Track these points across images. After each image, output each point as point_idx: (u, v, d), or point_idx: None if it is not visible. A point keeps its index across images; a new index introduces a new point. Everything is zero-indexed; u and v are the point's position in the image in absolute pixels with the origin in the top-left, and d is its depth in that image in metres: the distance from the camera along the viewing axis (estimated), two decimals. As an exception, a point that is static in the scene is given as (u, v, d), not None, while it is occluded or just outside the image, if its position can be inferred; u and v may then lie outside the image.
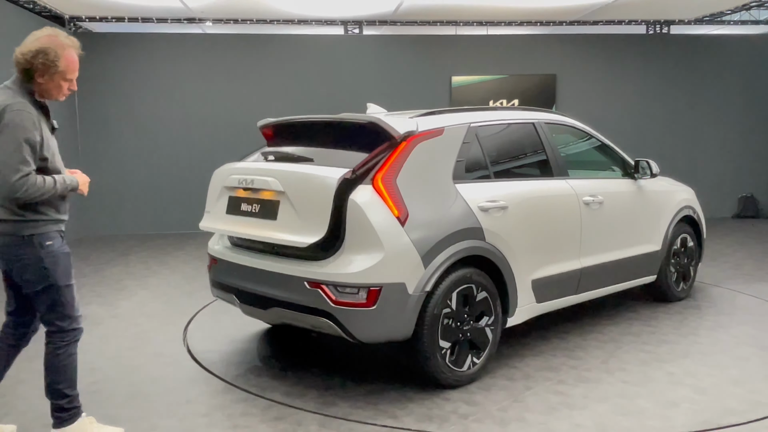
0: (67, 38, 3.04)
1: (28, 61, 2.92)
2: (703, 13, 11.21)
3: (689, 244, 5.91)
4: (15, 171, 2.82)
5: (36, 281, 3.00)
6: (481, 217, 3.99)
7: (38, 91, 3.00)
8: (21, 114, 2.87)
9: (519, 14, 10.85)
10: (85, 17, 10.12)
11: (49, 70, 2.94)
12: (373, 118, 3.90)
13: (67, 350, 3.13)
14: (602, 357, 4.42)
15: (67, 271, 3.07)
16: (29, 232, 2.96)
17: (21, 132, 2.86)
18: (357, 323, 3.61)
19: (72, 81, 3.07)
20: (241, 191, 4.15)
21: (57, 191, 2.98)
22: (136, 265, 7.86)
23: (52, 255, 3.01)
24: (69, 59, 3.00)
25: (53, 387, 3.14)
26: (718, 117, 11.47)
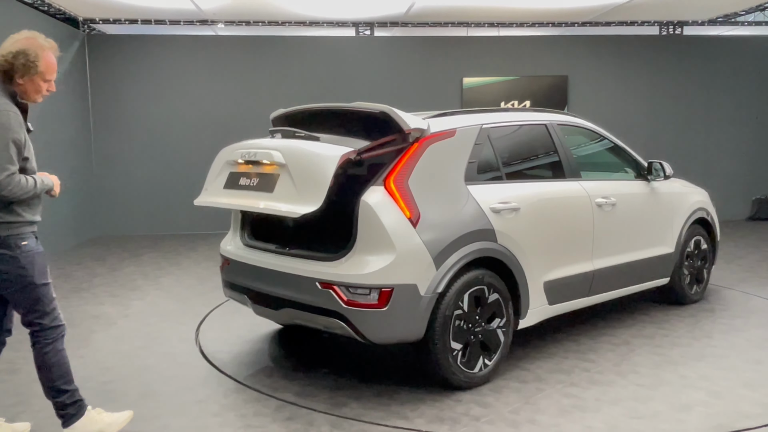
0: (46, 40, 3.10)
1: (8, 62, 2.99)
2: (717, 13, 11.13)
3: (703, 246, 5.87)
4: (2, 169, 2.88)
5: (14, 281, 3.04)
6: (493, 218, 3.99)
7: (18, 93, 3.06)
8: (7, 114, 2.93)
9: (530, 15, 10.82)
10: (99, 19, 10.20)
11: (29, 71, 3.00)
12: (384, 108, 3.84)
13: (53, 347, 3.15)
14: (615, 360, 4.40)
15: (44, 270, 3.12)
16: (5, 233, 2.99)
17: (7, 132, 2.91)
18: (368, 324, 3.62)
19: (50, 82, 3.11)
20: (242, 165, 4.08)
21: (37, 191, 3.05)
22: (149, 265, 7.90)
23: (28, 255, 3.04)
24: (48, 60, 3.06)
25: (50, 386, 3.17)
26: (732, 118, 11.38)
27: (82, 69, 10.06)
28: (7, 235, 3.00)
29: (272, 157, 3.85)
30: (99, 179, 10.25)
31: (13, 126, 2.94)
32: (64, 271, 7.60)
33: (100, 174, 10.26)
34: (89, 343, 4.91)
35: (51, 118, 8.72)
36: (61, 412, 3.21)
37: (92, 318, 5.59)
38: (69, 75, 9.48)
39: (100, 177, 10.25)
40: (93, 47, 10.22)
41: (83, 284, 6.91)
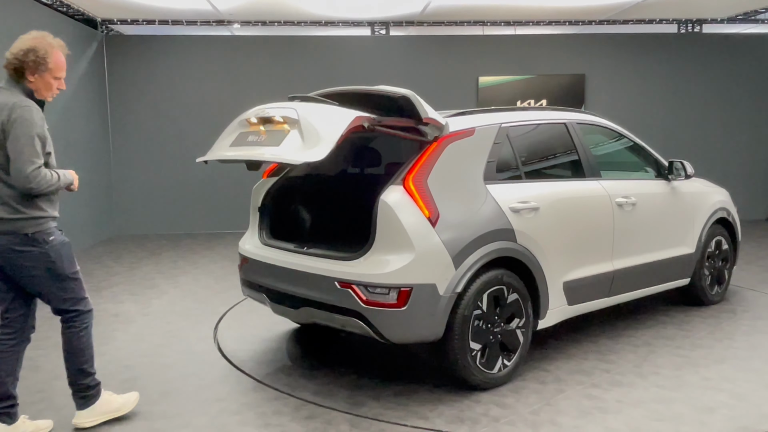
0: (54, 39, 3.20)
1: (19, 59, 3.08)
2: (737, 11, 10.99)
3: (724, 246, 5.80)
4: (30, 163, 2.99)
5: (45, 276, 3.15)
6: (513, 218, 3.96)
7: (33, 90, 3.15)
8: (30, 110, 3.05)
9: (547, 14, 10.75)
10: (117, 20, 10.28)
11: (39, 68, 3.10)
12: (407, 93, 3.76)
13: (87, 331, 3.33)
14: (635, 361, 4.36)
15: (72, 259, 3.26)
16: (32, 230, 3.10)
17: (32, 127, 3.02)
18: (387, 324, 3.61)
19: (60, 80, 3.21)
20: (253, 125, 3.93)
21: (60, 185, 3.17)
22: (167, 264, 7.95)
23: (56, 248, 3.17)
24: (57, 58, 3.17)
25: (78, 368, 3.33)
26: (752, 117, 11.24)
27: (100, 69, 10.14)
28: (34, 232, 3.09)
29: (285, 113, 3.72)
30: (117, 179, 10.33)
31: (37, 121, 3.05)
32: (83, 269, 7.51)
33: (118, 174, 10.34)
34: (110, 341, 4.95)
35: (70, 117, 8.81)
36: (83, 394, 3.37)
37: (112, 316, 5.64)
38: (87, 75, 9.57)
39: (118, 176, 10.33)
40: (111, 48, 10.30)
41: (102, 283, 6.97)
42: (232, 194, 10.13)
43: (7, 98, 3.08)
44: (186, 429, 3.46)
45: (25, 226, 3.08)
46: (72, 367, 3.34)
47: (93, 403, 3.41)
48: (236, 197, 10.23)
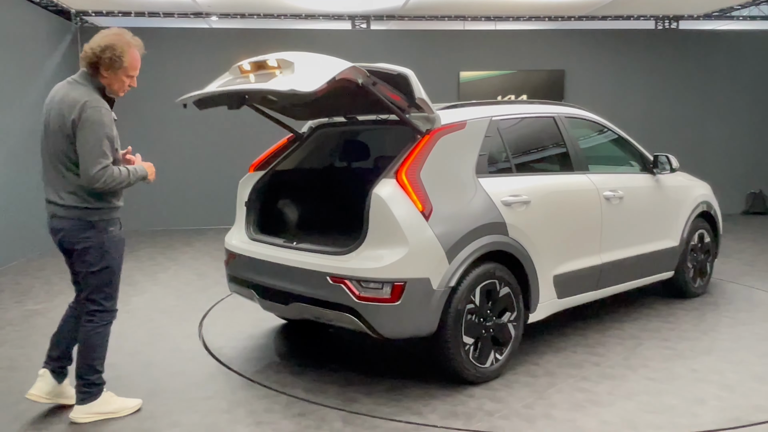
0: (133, 38, 3.29)
1: (96, 55, 3.16)
2: (713, 8, 11.14)
3: (706, 239, 5.87)
4: (96, 164, 3.10)
5: (94, 262, 3.27)
6: (504, 211, 3.95)
7: (105, 86, 3.24)
8: (100, 111, 3.13)
9: (527, 9, 10.78)
10: (92, 11, 10.06)
11: (113, 65, 3.18)
12: (404, 71, 3.68)
13: (105, 329, 3.39)
14: (624, 353, 4.38)
15: (121, 256, 3.39)
16: (96, 218, 3.24)
17: (101, 127, 3.12)
18: (381, 319, 3.57)
19: (133, 78, 3.32)
20: (245, 71, 3.78)
21: (131, 181, 3.26)
22: (145, 261, 7.81)
23: (113, 240, 3.30)
24: (133, 56, 3.25)
25: (89, 364, 3.35)
26: (727, 113, 11.42)
27: (74, 63, 9.89)
28: (97, 220, 3.24)
29: (281, 56, 3.59)
30: (93, 174, 10.11)
31: (106, 122, 3.15)
32: (60, 266, 7.42)
33: (94, 168, 10.11)
34: (91, 340, 4.83)
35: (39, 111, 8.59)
36: (86, 390, 3.38)
37: (92, 314, 5.51)
38: (60, 69, 9.33)
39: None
40: (86, 41, 9.91)
41: (80, 280, 6.81)
42: (210, 190, 9.99)
43: (80, 95, 3.15)
44: (176, 428, 3.38)
45: (90, 214, 3.22)
46: (83, 361, 3.36)
47: (92, 401, 3.40)
48: (214, 192, 10.11)
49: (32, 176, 8.13)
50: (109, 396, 3.47)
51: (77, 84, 3.22)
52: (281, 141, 4.77)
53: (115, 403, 3.48)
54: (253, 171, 4.63)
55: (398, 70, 3.67)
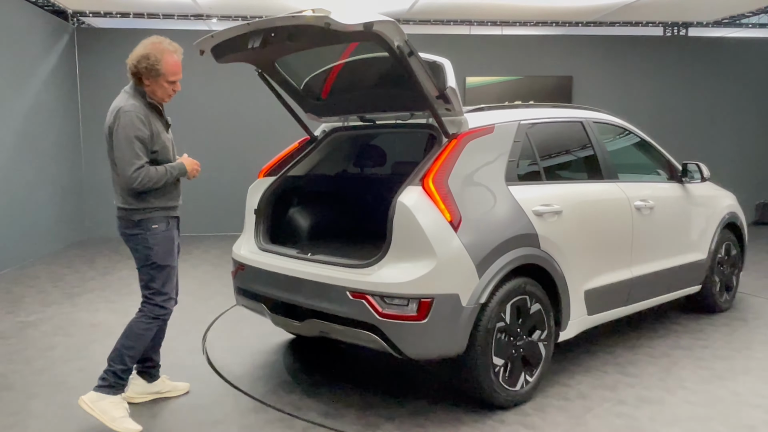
0: (170, 45, 3.40)
1: (134, 66, 3.34)
2: (723, 15, 10.97)
3: (732, 252, 5.62)
4: (130, 164, 3.24)
5: (142, 258, 3.43)
6: (536, 222, 3.68)
7: (148, 93, 3.39)
8: (130, 114, 3.26)
9: (534, 14, 10.57)
10: (89, 12, 9.77)
11: (151, 73, 3.32)
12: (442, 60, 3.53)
13: (150, 324, 3.46)
14: (658, 374, 4.11)
15: (168, 253, 3.47)
16: (138, 217, 3.39)
17: (131, 130, 3.25)
18: (406, 338, 3.28)
19: (175, 83, 3.42)
20: None
21: (168, 178, 3.36)
22: (144, 269, 7.49)
23: (156, 237, 3.41)
24: (169, 63, 3.35)
25: (118, 349, 3.38)
26: (736, 121, 11.23)
27: (71, 64, 9.64)
28: (140, 219, 3.38)
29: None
30: (88, 178, 9.83)
31: (136, 124, 3.26)
32: (54, 274, 7.19)
33: (90, 173, 9.83)
34: (89, 355, 4.53)
35: (38, 114, 8.30)
36: (104, 376, 3.36)
37: (89, 327, 5.21)
38: (57, 70, 9.06)
39: (89, 176, 9.83)
40: (82, 41, 9.80)
41: (75, 289, 6.51)
42: (210, 195, 9.71)
43: (119, 102, 3.34)
44: (182, 457, 3.09)
45: (134, 214, 3.38)
46: (116, 345, 3.41)
47: (104, 392, 3.32)
48: (214, 199, 9.82)
49: (26, 180, 7.84)
50: (116, 403, 3.34)
51: (124, 93, 3.41)
52: (292, 145, 4.50)
53: (116, 413, 3.30)
54: (263, 176, 4.35)
55: (434, 58, 3.41)
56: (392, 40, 3.14)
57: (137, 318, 3.48)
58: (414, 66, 3.27)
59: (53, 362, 4.40)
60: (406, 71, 3.30)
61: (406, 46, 3.20)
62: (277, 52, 3.84)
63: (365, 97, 4.06)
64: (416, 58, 3.26)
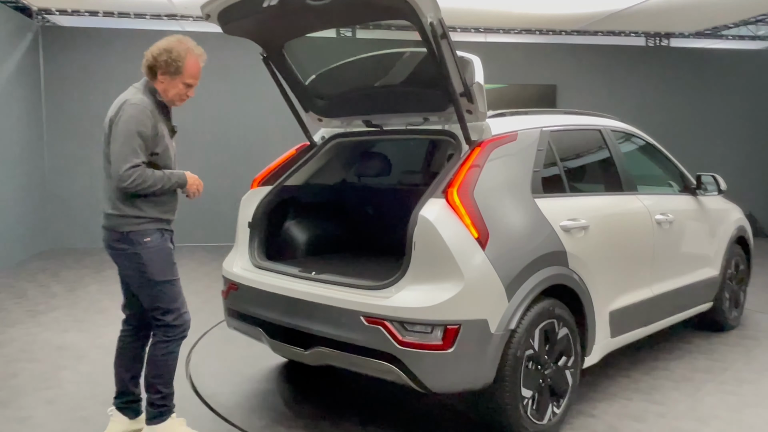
0: (196, 47, 3.10)
1: (154, 57, 3.02)
2: (704, 26, 10.96)
3: (740, 267, 5.41)
4: (125, 161, 2.87)
5: (134, 277, 3.06)
6: (564, 238, 3.36)
7: (160, 91, 3.07)
8: (136, 107, 2.94)
9: (518, 22, 10.38)
10: (56, 10, 9.21)
11: (169, 69, 3.01)
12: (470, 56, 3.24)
13: (168, 346, 3.11)
14: (685, 401, 3.83)
15: (166, 267, 3.07)
16: (128, 229, 2.99)
17: (134, 124, 2.90)
18: (429, 369, 2.92)
19: (191, 88, 3.11)
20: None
21: (164, 185, 2.99)
22: (113, 284, 6.91)
23: (149, 251, 3.01)
24: (191, 64, 3.05)
25: (149, 380, 3.12)
26: (717, 132, 11.21)
27: (35, 64, 9.06)
28: (128, 231, 2.99)
29: None
30: (52, 185, 9.24)
31: (140, 118, 2.93)
32: (15, 289, 6.64)
33: (54, 180, 9.25)
34: (58, 383, 4.06)
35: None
36: (148, 409, 3.15)
37: (57, 350, 4.72)
38: (20, 71, 8.49)
39: (53, 183, 9.25)
40: (48, 40, 9.24)
41: (39, 306, 5.98)
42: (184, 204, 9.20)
43: (127, 95, 3.03)
44: None
45: (122, 224, 3.00)
46: (146, 377, 3.15)
47: (153, 424, 3.13)
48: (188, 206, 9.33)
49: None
50: (177, 424, 3.20)
51: (133, 88, 3.09)
52: (289, 152, 4.12)
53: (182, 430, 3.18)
54: (257, 186, 3.96)
55: (462, 54, 3.10)
56: (425, 15, 2.80)
57: (154, 345, 3.13)
58: (444, 51, 2.92)
59: (16, 393, 3.93)
60: (434, 56, 2.95)
61: (440, 26, 2.86)
62: (289, 28, 3.48)
63: (374, 97, 3.72)
64: (447, 42, 2.92)
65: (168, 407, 3.16)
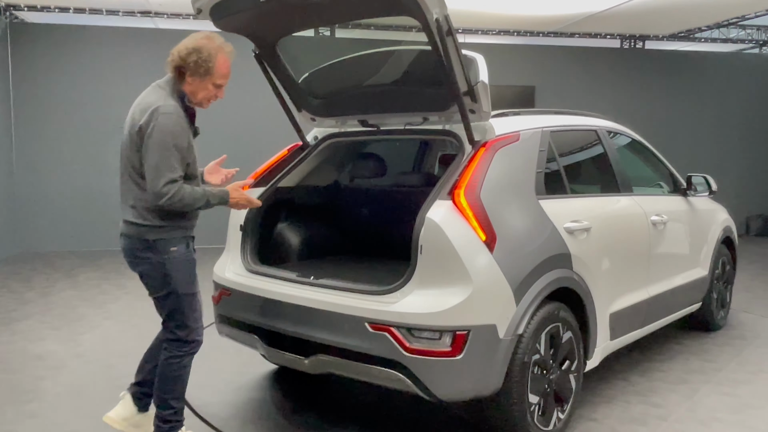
0: (225, 44, 2.95)
1: (182, 58, 2.86)
2: (678, 29, 11.11)
3: (727, 267, 5.44)
4: (162, 176, 2.74)
5: (158, 286, 2.93)
6: (568, 240, 3.31)
7: (188, 93, 2.93)
8: (170, 118, 2.79)
9: (496, 23, 10.38)
10: (24, 6, 8.89)
11: (199, 71, 2.87)
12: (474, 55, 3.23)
13: (181, 361, 2.99)
14: (684, 403, 3.81)
15: (190, 279, 2.96)
16: (153, 237, 2.86)
17: (170, 137, 2.77)
18: (437, 377, 2.83)
19: (221, 88, 2.97)
20: None
21: (202, 207, 2.88)
22: (89, 289, 6.76)
23: (175, 261, 2.89)
24: (221, 63, 2.91)
25: (161, 396, 3.01)
26: (690, 133, 11.36)
27: (2, 62, 8.75)
28: (155, 239, 2.87)
29: None
30: (21, 187, 8.93)
31: (176, 130, 2.80)
32: None
33: (22, 181, 8.95)
34: (39, 396, 3.87)
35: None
36: (158, 424, 3.03)
37: (35, 359, 4.51)
38: (-12, 66, 8.19)
39: (22, 184, 8.94)
40: (16, 37, 8.93)
41: (13, 313, 5.74)
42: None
43: (155, 99, 2.83)
44: None
45: (147, 232, 2.87)
46: (157, 392, 3.03)
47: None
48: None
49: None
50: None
51: (158, 88, 2.91)
52: (281, 152, 4.00)
53: None
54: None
55: (465, 52, 3.01)
56: (431, 11, 2.72)
57: (165, 360, 2.99)
58: (450, 48, 2.84)
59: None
60: (439, 54, 2.86)
61: (445, 23, 2.77)
62: (285, 24, 3.39)
63: (371, 96, 3.62)
64: (453, 39, 2.84)
65: (180, 422, 3.06)
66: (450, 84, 2.98)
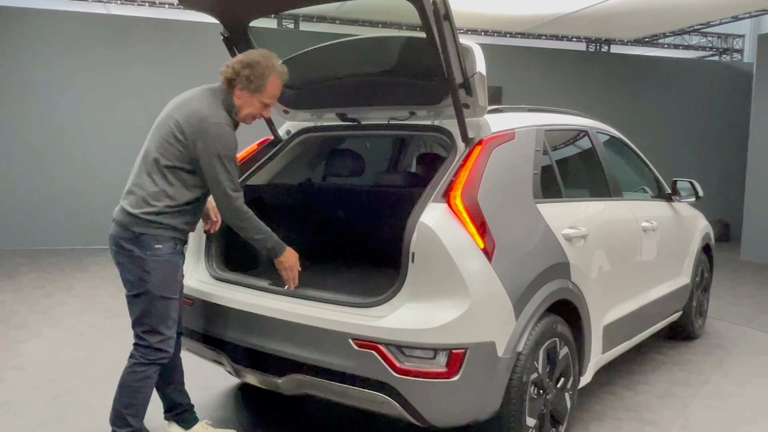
0: (280, 65, 2.90)
1: (235, 70, 2.82)
2: (643, 34, 11.16)
3: (705, 275, 5.33)
4: (238, 190, 2.77)
5: (133, 282, 2.79)
6: (567, 248, 3.06)
7: (236, 106, 2.86)
8: (228, 130, 2.77)
9: (464, 22, 10.18)
10: (-36, -16, 8.27)
11: (251, 86, 2.82)
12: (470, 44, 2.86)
13: (146, 371, 2.80)
14: (676, 419, 3.63)
15: (168, 283, 2.80)
16: (140, 230, 2.76)
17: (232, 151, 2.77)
18: (430, 400, 2.54)
19: (267, 108, 2.92)
20: None
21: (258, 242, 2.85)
22: (32, 291, 6.24)
23: (157, 260, 2.76)
24: (273, 83, 2.86)
25: (118, 410, 2.80)
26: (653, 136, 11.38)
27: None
28: (141, 233, 2.76)
29: None
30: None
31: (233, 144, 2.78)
32: None
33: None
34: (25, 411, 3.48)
35: None
36: None
37: (14, 371, 4.10)
38: None
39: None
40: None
41: (-57, 319, 5.21)
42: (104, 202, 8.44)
43: (204, 107, 2.78)
44: None
45: (136, 224, 2.76)
46: (114, 405, 2.83)
47: None
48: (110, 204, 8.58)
49: None
50: None
51: (208, 93, 2.86)
52: (250, 147, 3.64)
53: None
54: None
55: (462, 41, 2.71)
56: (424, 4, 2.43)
57: (129, 367, 2.82)
58: (446, 35, 2.55)
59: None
60: (434, 41, 2.57)
61: (443, 6, 2.48)
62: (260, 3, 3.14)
63: (351, 88, 3.30)
64: (450, 25, 2.55)
65: None
66: (445, 75, 2.68)
